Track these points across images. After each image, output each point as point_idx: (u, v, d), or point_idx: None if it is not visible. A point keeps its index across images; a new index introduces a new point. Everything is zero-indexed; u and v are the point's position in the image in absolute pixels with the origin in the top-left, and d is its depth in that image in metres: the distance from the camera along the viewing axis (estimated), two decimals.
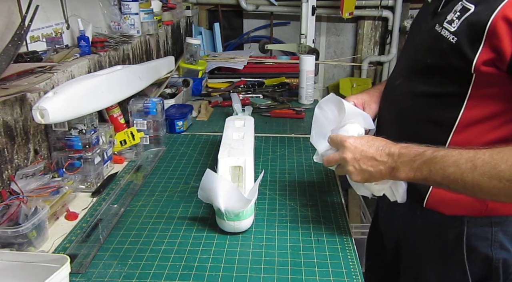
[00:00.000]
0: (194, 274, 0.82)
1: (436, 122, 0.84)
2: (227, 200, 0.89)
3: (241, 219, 0.92)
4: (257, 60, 2.39)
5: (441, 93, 0.82)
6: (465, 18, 0.74)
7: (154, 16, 1.82)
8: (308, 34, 2.32)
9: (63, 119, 1.00)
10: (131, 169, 1.24)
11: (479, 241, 0.88)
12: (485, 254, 0.88)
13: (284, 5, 2.91)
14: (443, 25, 0.78)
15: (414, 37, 0.91)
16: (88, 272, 0.82)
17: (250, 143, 1.06)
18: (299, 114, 1.68)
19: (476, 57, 0.72)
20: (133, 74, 1.35)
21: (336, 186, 1.15)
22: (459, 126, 0.81)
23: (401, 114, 0.91)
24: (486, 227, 0.87)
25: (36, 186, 0.99)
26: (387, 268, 1.09)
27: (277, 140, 1.45)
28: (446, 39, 0.76)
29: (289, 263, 0.85)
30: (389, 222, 1.05)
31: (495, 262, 0.88)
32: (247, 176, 0.97)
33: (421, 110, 0.86)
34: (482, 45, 0.72)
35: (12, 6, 1.08)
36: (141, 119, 1.34)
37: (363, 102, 1.02)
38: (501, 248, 0.87)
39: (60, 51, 1.25)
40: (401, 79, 0.91)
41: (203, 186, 0.92)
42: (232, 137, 1.10)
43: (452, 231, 0.89)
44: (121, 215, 1.01)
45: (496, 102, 0.77)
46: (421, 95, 0.85)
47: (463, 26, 0.74)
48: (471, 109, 0.79)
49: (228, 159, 0.97)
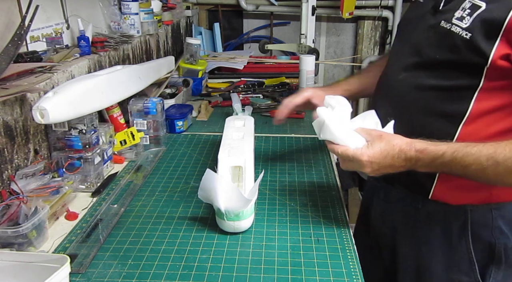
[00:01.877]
0: (194, 274, 0.82)
1: (445, 115, 0.87)
2: (227, 200, 0.89)
3: (241, 219, 0.91)
4: (257, 60, 2.39)
5: (451, 87, 0.85)
6: (477, 15, 0.78)
7: (154, 16, 1.82)
8: (308, 34, 2.32)
9: (63, 119, 1.00)
10: (131, 169, 1.24)
11: (482, 228, 0.92)
12: (488, 241, 0.92)
13: (284, 5, 2.91)
14: (452, 21, 0.81)
15: (411, 35, 0.93)
16: (88, 272, 0.82)
17: (250, 143, 1.06)
18: (299, 114, 1.68)
19: (493, 51, 0.76)
20: (133, 74, 1.35)
21: (336, 186, 1.15)
22: (469, 119, 0.84)
23: (407, 108, 0.92)
24: (487, 213, 0.91)
25: (36, 186, 0.99)
26: (376, 262, 1.10)
27: (277, 140, 1.45)
28: (459, 35, 0.79)
29: (289, 263, 0.85)
30: (385, 218, 1.06)
31: (498, 247, 0.92)
32: (247, 176, 0.97)
33: (429, 103, 0.88)
34: (498, 40, 0.75)
35: (12, 6, 1.08)
36: (141, 119, 1.34)
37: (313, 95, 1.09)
38: (500, 233, 0.92)
39: (60, 51, 1.25)
40: (403, 74, 0.93)
41: (203, 186, 0.91)
42: (232, 137, 1.09)
43: (457, 220, 0.92)
44: (121, 215, 1.01)
45: (504, 94, 0.81)
46: (429, 88, 0.88)
47: (476, 22, 0.77)
48: (481, 101, 0.82)
49: (228, 158, 0.97)
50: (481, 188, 0.89)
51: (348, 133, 0.85)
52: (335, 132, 0.85)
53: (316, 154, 1.34)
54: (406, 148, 0.80)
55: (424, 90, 0.89)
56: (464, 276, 0.95)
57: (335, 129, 0.85)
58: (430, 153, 0.79)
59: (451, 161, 0.78)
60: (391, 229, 1.04)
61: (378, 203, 1.09)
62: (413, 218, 0.99)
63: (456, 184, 0.89)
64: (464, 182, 0.84)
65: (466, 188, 0.89)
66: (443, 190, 0.92)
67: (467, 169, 0.77)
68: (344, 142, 0.85)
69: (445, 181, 0.90)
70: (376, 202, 1.10)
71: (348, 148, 0.83)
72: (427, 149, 0.79)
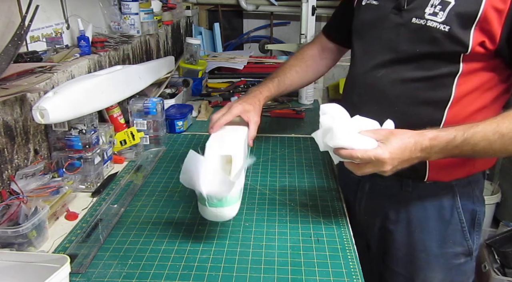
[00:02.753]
0: (194, 274, 0.82)
1: (430, 103, 0.93)
2: (210, 184, 0.82)
3: (225, 205, 0.84)
4: (257, 60, 2.40)
5: (433, 76, 0.92)
6: (450, 9, 0.86)
7: (154, 16, 1.82)
8: (308, 34, 2.32)
9: (63, 119, 1.01)
10: (131, 169, 1.24)
11: (466, 199, 1.02)
12: (471, 209, 1.03)
13: (284, 5, 2.91)
14: (426, 17, 0.89)
15: (378, 34, 0.98)
16: (88, 272, 0.82)
17: (242, 139, 1.01)
18: (299, 114, 1.68)
19: (471, 40, 0.85)
20: (133, 74, 1.35)
21: (336, 186, 1.15)
22: (453, 102, 0.92)
23: (393, 102, 0.96)
24: (468, 185, 1.02)
25: (36, 186, 0.99)
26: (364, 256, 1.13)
27: (277, 140, 1.46)
28: (436, 29, 0.88)
29: (289, 263, 0.85)
30: (372, 209, 1.10)
31: (478, 214, 1.04)
32: (235, 166, 0.90)
33: (414, 94, 0.94)
34: (473, 30, 0.85)
35: (12, 6, 1.08)
36: (141, 119, 1.34)
37: (243, 111, 1.08)
38: (477, 201, 1.04)
39: (60, 51, 1.25)
40: (382, 71, 0.97)
41: (185, 169, 0.83)
42: (224, 132, 1.05)
43: (447, 196, 1.01)
44: (121, 215, 1.01)
45: (479, 75, 0.91)
46: (412, 80, 0.94)
47: (451, 16, 0.86)
48: (462, 85, 0.91)
49: (217, 147, 0.91)
50: (467, 163, 0.98)
51: (359, 137, 0.83)
52: (347, 138, 0.82)
53: (316, 154, 1.34)
54: (420, 138, 0.82)
55: (407, 82, 0.94)
56: (458, 247, 1.04)
57: (346, 135, 0.82)
58: (443, 138, 0.82)
59: (463, 142, 0.82)
60: (381, 218, 1.08)
61: (362, 197, 1.12)
62: (405, 202, 1.03)
63: (444, 163, 0.93)
64: (451, 160, 0.92)
65: (453, 164, 0.97)
66: (436, 170, 0.98)
67: (476, 147, 0.82)
68: (358, 146, 0.81)
69: (435, 162, 0.95)
70: (359, 197, 1.12)
71: (367, 150, 0.80)
72: (439, 136, 0.82)
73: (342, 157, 0.84)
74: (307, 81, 1.30)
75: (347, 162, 0.85)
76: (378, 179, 1.02)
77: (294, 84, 1.24)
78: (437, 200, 1.02)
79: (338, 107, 0.89)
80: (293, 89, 1.27)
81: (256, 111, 1.10)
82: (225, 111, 1.08)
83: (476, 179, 1.03)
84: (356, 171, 0.85)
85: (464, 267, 1.06)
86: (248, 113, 1.08)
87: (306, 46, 1.31)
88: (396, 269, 1.08)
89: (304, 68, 1.25)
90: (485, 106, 0.94)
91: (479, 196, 1.05)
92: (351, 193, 1.15)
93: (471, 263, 1.07)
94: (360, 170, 0.84)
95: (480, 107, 0.94)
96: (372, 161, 0.81)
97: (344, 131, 0.83)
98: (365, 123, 0.87)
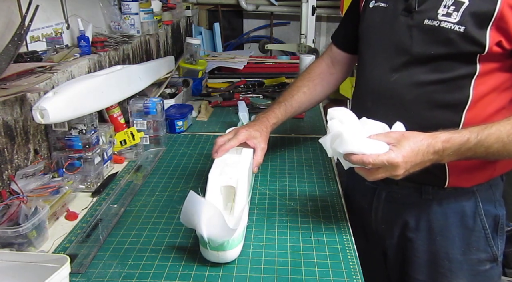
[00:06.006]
0: (194, 274, 0.82)
1: (448, 105, 0.91)
2: (211, 227, 0.79)
3: (226, 249, 0.82)
4: (257, 60, 2.40)
5: (449, 78, 0.89)
6: (465, 9, 0.84)
7: (154, 16, 1.82)
8: (308, 34, 2.32)
9: (63, 119, 1.00)
10: (131, 169, 1.24)
11: (489, 204, 0.99)
12: (494, 214, 1.00)
13: (284, 5, 2.91)
14: (439, 18, 0.87)
15: (390, 36, 0.95)
16: (88, 272, 0.82)
17: (247, 167, 0.96)
18: (299, 114, 1.68)
19: (488, 40, 0.83)
20: (133, 74, 1.35)
21: (336, 186, 1.15)
22: (471, 104, 0.90)
23: (408, 106, 0.94)
24: (489, 190, 0.99)
25: (36, 186, 0.99)
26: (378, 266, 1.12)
27: (277, 140, 1.45)
28: (451, 30, 0.85)
29: (289, 263, 0.85)
30: (391, 218, 1.06)
31: (501, 218, 1.01)
32: (238, 198, 0.88)
33: (431, 97, 0.92)
34: (489, 29, 0.83)
35: (12, 6, 1.08)
36: (141, 119, 1.34)
37: (249, 137, 1.04)
38: (499, 205, 1.01)
39: (60, 51, 1.25)
40: (395, 75, 0.94)
41: (185, 210, 0.82)
42: (227, 157, 1.01)
43: (468, 202, 0.98)
44: (121, 215, 1.01)
45: (497, 75, 0.89)
46: (427, 83, 0.91)
47: (466, 16, 0.84)
48: (479, 86, 0.89)
49: (219, 177, 0.89)
50: (488, 166, 0.95)
51: (369, 142, 0.80)
52: (357, 143, 0.79)
53: (316, 154, 1.34)
54: (433, 141, 0.80)
55: (423, 86, 0.92)
56: (483, 253, 1.00)
57: (356, 140, 0.80)
58: (456, 140, 0.80)
59: (476, 144, 0.80)
60: (400, 227, 1.05)
61: (379, 206, 1.08)
62: (425, 210, 1.01)
63: (465, 167, 0.93)
64: (471, 164, 0.91)
65: (474, 169, 0.95)
66: (457, 176, 0.95)
67: (490, 149, 0.81)
68: (369, 151, 0.78)
69: (455, 167, 0.94)
70: (376, 205, 1.09)
71: (380, 154, 0.78)
72: (452, 138, 0.80)
73: (353, 162, 0.81)
74: (316, 101, 1.25)
75: (358, 167, 0.82)
76: (395, 187, 1.02)
77: (303, 105, 1.20)
78: (458, 206, 0.99)
79: (347, 112, 0.86)
80: (302, 111, 1.23)
81: (263, 138, 1.07)
82: (231, 136, 1.04)
83: (496, 182, 1.01)
84: (368, 177, 0.82)
85: (489, 273, 1.02)
86: (255, 140, 1.05)
87: (314, 64, 1.27)
88: (418, 276, 1.04)
89: (312, 87, 1.21)
90: (503, 107, 0.92)
91: (500, 199, 1.02)
92: (365, 201, 1.11)
93: (497, 268, 1.04)
94: (372, 176, 0.81)
95: (498, 109, 0.91)
96: (385, 165, 0.78)
97: (354, 136, 0.80)
98: (373, 126, 0.85)
